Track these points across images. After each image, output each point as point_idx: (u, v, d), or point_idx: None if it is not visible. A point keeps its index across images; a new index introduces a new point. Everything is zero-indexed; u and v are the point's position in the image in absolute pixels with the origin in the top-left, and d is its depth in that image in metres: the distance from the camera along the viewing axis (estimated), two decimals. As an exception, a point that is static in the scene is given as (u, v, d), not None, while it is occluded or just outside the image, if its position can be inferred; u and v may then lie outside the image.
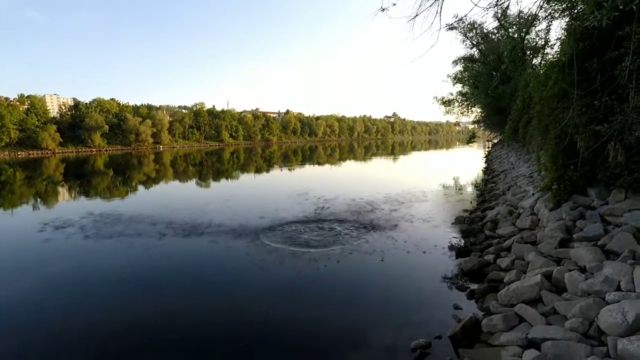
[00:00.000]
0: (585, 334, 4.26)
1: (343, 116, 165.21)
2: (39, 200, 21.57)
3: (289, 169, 37.83)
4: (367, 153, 67.01)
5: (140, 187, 26.65)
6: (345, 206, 15.27)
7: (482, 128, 50.02)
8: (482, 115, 34.12)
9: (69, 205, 19.76)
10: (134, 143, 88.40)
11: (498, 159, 28.16)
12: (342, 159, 53.64)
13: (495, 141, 54.87)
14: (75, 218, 14.46)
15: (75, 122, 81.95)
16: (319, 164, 44.99)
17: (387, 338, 5.63)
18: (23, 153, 69.84)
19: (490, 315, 5.43)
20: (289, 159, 52.38)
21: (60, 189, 26.40)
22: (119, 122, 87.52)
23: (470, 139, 37.08)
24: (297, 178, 31.40)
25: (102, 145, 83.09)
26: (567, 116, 6.99)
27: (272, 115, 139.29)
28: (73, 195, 23.72)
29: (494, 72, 21.78)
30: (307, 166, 41.96)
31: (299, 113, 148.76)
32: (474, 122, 44.28)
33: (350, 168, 39.97)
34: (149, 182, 29.65)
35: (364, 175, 32.31)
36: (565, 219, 7.39)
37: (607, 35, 6.73)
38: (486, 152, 45.82)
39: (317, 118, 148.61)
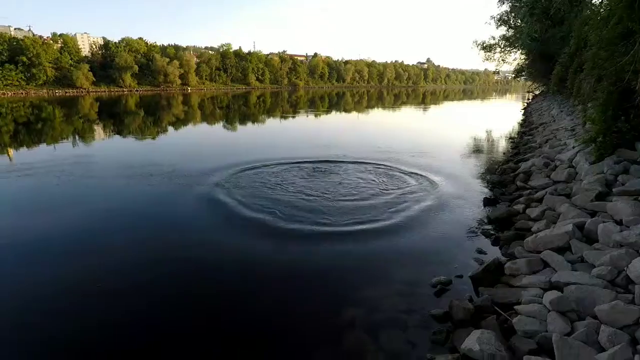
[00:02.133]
0: (612, 282, 4.26)
1: (373, 61, 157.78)
2: (77, 137, 22.56)
3: (316, 115, 37.40)
4: (396, 101, 64.87)
5: (170, 129, 27.26)
6: (372, 154, 15.17)
7: (523, 78, 46.86)
8: (526, 62, 31.69)
9: (103, 144, 20.62)
10: (163, 84, 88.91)
11: (537, 112, 26.63)
12: (370, 106, 52.28)
13: (537, 92, 51.50)
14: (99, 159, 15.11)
15: (106, 61, 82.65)
16: (346, 111, 44.15)
17: (409, 274, 5.85)
18: (60, 91, 71.97)
19: (514, 259, 5.47)
20: (315, 105, 51.55)
21: (95, 127, 27.40)
22: (148, 62, 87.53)
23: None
24: (324, 124, 31.16)
25: (132, 86, 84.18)
26: (627, 60, 6.39)
27: (299, 58, 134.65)
28: (108, 133, 24.61)
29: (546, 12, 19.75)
30: (333, 113, 41.33)
31: (327, 57, 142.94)
32: (515, 71, 41.43)
33: (378, 117, 39.06)
34: (178, 123, 30.23)
35: (392, 125, 31.61)
36: (607, 173, 7.08)
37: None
38: (525, 105, 43.28)
39: (346, 62, 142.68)
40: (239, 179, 11.10)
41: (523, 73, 38.95)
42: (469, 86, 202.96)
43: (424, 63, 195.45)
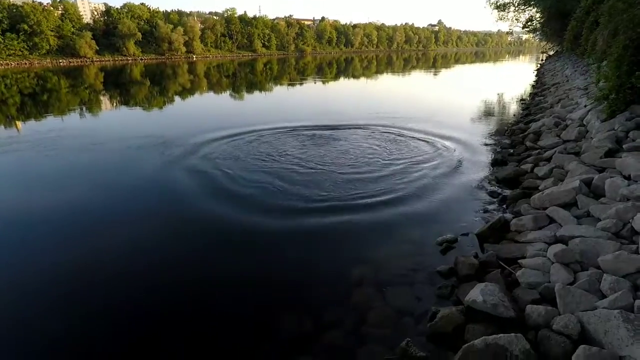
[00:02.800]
0: (617, 234, 4.31)
1: (382, 24, 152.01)
2: (84, 108, 22.60)
3: (323, 82, 36.72)
4: (406, 66, 63.13)
5: (177, 99, 27.10)
6: (381, 119, 15.01)
7: (537, 38, 45.00)
8: (541, 21, 30.32)
9: (110, 115, 20.66)
10: (167, 52, 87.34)
11: (551, 72, 25.77)
12: (379, 72, 51.01)
13: (551, 53, 49.56)
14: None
15: (109, 29, 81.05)
16: (354, 77, 43.20)
17: (416, 235, 5.96)
18: (64, 61, 71.25)
19: (520, 216, 5.53)
20: (323, 72, 50.47)
21: (102, 98, 27.34)
22: (151, 29, 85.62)
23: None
24: (332, 92, 30.66)
25: (137, 54, 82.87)
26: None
27: (306, 23, 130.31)
28: (115, 104, 24.57)
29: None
30: (342, 80, 40.51)
31: (335, 21, 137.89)
32: (529, 32, 39.70)
33: (387, 82, 38.20)
34: (184, 93, 29.99)
35: (401, 90, 31.00)
36: (617, 130, 6.96)
37: None
38: (538, 66, 41.80)
39: (354, 26, 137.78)
40: (248, 146, 11.15)
41: (537, 33, 37.38)
42: (481, 48, 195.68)
43: (434, 25, 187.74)
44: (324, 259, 5.45)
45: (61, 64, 68.71)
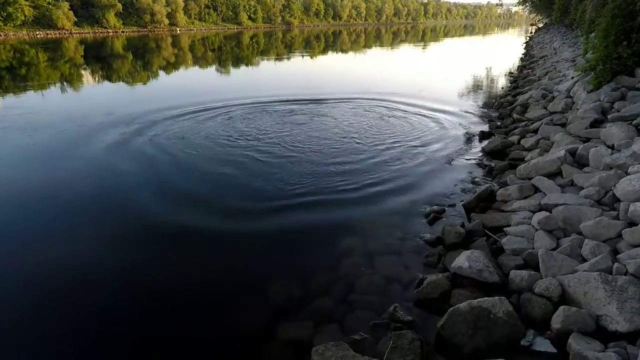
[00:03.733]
0: (599, 201, 4.42)
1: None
2: (65, 84, 21.79)
3: (311, 57, 35.97)
4: (395, 40, 62.06)
5: (162, 74, 26.30)
6: (368, 93, 14.86)
7: (527, 10, 44.54)
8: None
9: (92, 91, 19.99)
10: (150, 24, 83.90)
11: (539, 45, 25.66)
12: (367, 45, 50.12)
13: (540, 25, 49.18)
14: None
15: (87, -1, 77.33)
16: (342, 51, 42.39)
17: (403, 205, 6.02)
18: (41, 33, 67.89)
19: (507, 187, 5.62)
20: (311, 46, 49.35)
21: (82, 72, 26.34)
22: (132, 0, 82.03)
23: None
24: (321, 65, 30.10)
25: (117, 27, 79.46)
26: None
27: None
28: (97, 79, 23.73)
29: None
30: (330, 54, 39.75)
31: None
32: (519, 3, 39.23)
33: (376, 56, 37.63)
34: (169, 67, 29.09)
35: (390, 65, 30.62)
36: (603, 100, 7.02)
37: None
38: (527, 38, 41.55)
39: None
40: (235, 121, 10.96)
41: (527, 4, 36.98)
42: (470, 21, 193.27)
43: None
44: (311, 231, 5.46)
45: (38, 36, 65.52)
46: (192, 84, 20.77)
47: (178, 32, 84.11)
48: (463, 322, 3.28)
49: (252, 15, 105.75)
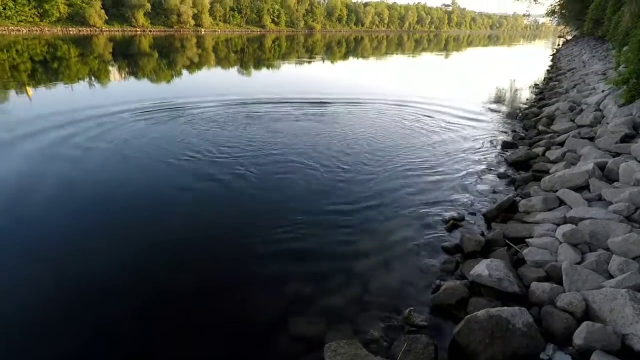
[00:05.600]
0: (628, 217, 4.26)
1: (394, 3, 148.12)
2: (92, 78, 22.46)
3: (332, 62, 36.13)
4: (417, 48, 61.76)
5: (185, 73, 26.82)
6: (390, 99, 14.82)
7: (555, 21, 43.68)
8: (560, 3, 29.34)
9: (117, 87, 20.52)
10: (176, 24, 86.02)
11: (567, 57, 25.09)
12: (388, 52, 50.01)
13: (569, 38, 48.14)
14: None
15: (118, -2, 79.83)
16: (363, 57, 42.43)
17: (421, 210, 5.93)
18: (74, 29, 70.47)
19: (530, 198, 5.48)
20: (332, 51, 49.57)
21: (110, 68, 27.12)
22: (160, 0, 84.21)
23: None
24: (340, 70, 30.19)
25: (145, 26, 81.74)
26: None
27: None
28: (123, 75, 24.40)
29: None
30: (351, 59, 39.85)
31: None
32: (547, 14, 38.47)
33: (397, 64, 37.51)
34: (192, 67, 29.67)
35: (412, 73, 30.47)
36: (635, 115, 6.80)
37: None
38: (554, 50, 40.68)
39: (366, 4, 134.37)
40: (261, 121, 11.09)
41: (555, 16, 36.27)
42: (495, 31, 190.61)
43: (448, 5, 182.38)
44: (326, 230, 5.43)
45: (71, 32, 67.98)
46: (214, 82, 21.13)
47: (203, 32, 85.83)
48: (480, 330, 3.20)
49: (275, 19, 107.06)
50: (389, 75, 26.24)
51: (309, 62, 34.02)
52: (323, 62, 35.17)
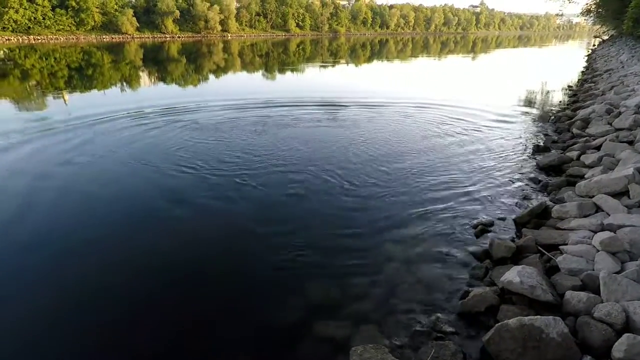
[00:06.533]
0: (673, 226, 4.03)
1: (420, 5, 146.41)
2: (124, 84, 23.36)
3: (356, 65, 36.08)
4: (443, 50, 60.79)
5: (211, 77, 27.45)
6: (417, 100, 14.65)
7: (590, 21, 41.97)
8: (596, 2, 28.17)
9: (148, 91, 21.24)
10: (204, 30, 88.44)
11: (603, 58, 24.03)
12: (414, 55, 49.47)
13: (605, 37, 46.13)
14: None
15: (149, 6, 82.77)
16: (388, 59, 42.14)
17: (449, 214, 5.81)
18: (107, 37, 73.81)
19: (564, 203, 5.28)
20: (356, 54, 49.53)
21: (141, 73, 28.14)
22: (189, 7, 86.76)
23: None
24: (365, 72, 30.08)
25: (174, 32, 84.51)
26: None
27: (341, 2, 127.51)
28: (153, 80, 25.24)
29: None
30: (375, 62, 39.66)
31: (371, 1, 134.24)
32: (582, 13, 37.03)
33: (422, 65, 37.03)
34: (218, 71, 30.33)
35: (438, 74, 29.99)
36: (679, 118, 6.43)
37: None
38: (589, 51, 39.05)
39: (391, 7, 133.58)
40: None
41: (591, 15, 34.85)
42: (525, 32, 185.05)
43: (476, 6, 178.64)
44: (351, 232, 5.40)
45: (104, 39, 71.16)
46: (237, 85, 21.53)
47: (229, 37, 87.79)
48: (511, 338, 3.10)
49: (300, 23, 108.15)
50: (415, 78, 25.95)
51: (333, 66, 34.12)
52: (347, 65, 35.18)
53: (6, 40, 60.08)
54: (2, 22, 61.85)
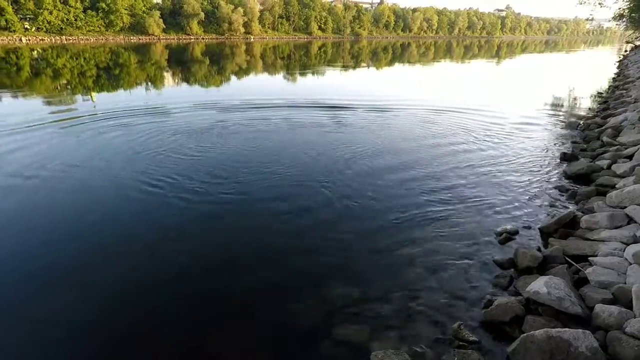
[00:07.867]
0: None
1: (444, 8, 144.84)
2: (149, 83, 23.98)
3: (377, 68, 35.93)
4: (466, 54, 59.86)
5: (233, 78, 27.86)
6: (440, 105, 14.48)
7: (622, 26, 40.55)
8: (630, 6, 27.20)
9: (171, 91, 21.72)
10: (227, 32, 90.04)
11: (637, 64, 23.17)
12: (435, 59, 48.89)
13: (638, 43, 44.47)
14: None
15: (175, 8, 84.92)
16: (410, 63, 41.80)
17: (473, 221, 5.70)
18: (134, 38, 76.11)
19: (593, 214, 5.10)
20: (377, 57, 49.33)
21: (165, 74, 28.82)
22: (213, 9, 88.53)
23: None
24: (386, 76, 29.93)
25: (199, 33, 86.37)
26: None
27: (364, 6, 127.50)
28: (176, 81, 25.82)
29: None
30: (396, 65, 39.40)
31: (394, 4, 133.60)
32: (614, 18, 35.80)
33: (445, 70, 36.56)
34: (240, 73, 30.75)
35: (461, 78, 29.55)
36: None
37: None
38: (621, 57, 37.68)
39: (414, 10, 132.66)
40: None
41: (624, 19, 33.66)
42: (553, 37, 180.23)
43: (502, 10, 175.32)
44: (372, 236, 5.36)
45: (132, 40, 73.35)
46: (259, 86, 21.76)
47: (252, 39, 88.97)
48: (537, 350, 3.01)
49: (322, 26, 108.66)
50: (438, 82, 25.64)
51: (354, 68, 34.09)
52: (368, 68, 35.09)
53: (40, 40, 62.76)
54: (37, 22, 64.66)
